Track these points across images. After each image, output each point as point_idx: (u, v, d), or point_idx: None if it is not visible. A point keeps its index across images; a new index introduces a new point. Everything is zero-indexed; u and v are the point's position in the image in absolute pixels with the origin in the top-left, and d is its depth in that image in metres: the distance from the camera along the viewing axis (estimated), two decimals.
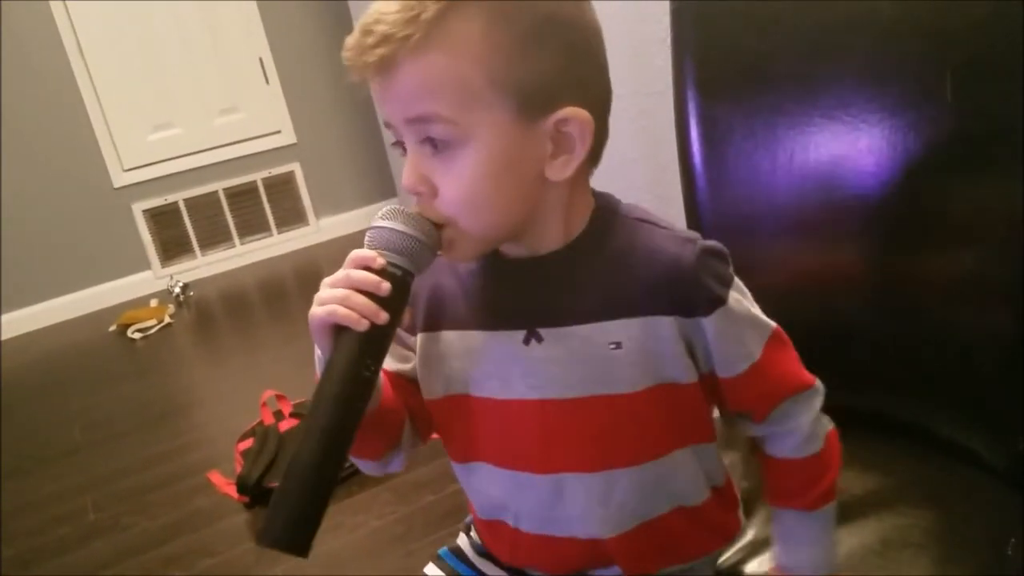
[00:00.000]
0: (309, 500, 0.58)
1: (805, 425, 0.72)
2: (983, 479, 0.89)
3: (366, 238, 0.64)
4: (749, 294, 0.70)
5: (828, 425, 0.75)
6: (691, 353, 0.68)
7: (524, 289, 0.69)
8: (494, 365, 0.70)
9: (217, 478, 2.10)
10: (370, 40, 0.60)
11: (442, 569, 0.85)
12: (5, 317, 3.71)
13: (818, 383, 0.74)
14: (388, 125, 0.65)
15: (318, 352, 0.65)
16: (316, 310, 0.62)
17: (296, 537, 0.58)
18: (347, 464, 1.88)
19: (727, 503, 0.79)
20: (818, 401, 0.73)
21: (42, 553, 1.97)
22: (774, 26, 1.01)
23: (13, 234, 3.67)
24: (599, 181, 0.73)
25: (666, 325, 0.66)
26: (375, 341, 0.62)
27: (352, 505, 1.90)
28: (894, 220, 0.93)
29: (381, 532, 1.79)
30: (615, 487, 0.71)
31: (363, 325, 0.60)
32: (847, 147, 0.94)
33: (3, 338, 3.69)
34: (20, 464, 2.48)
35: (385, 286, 0.61)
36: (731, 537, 0.81)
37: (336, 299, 0.61)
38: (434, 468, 1.92)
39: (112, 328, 3.53)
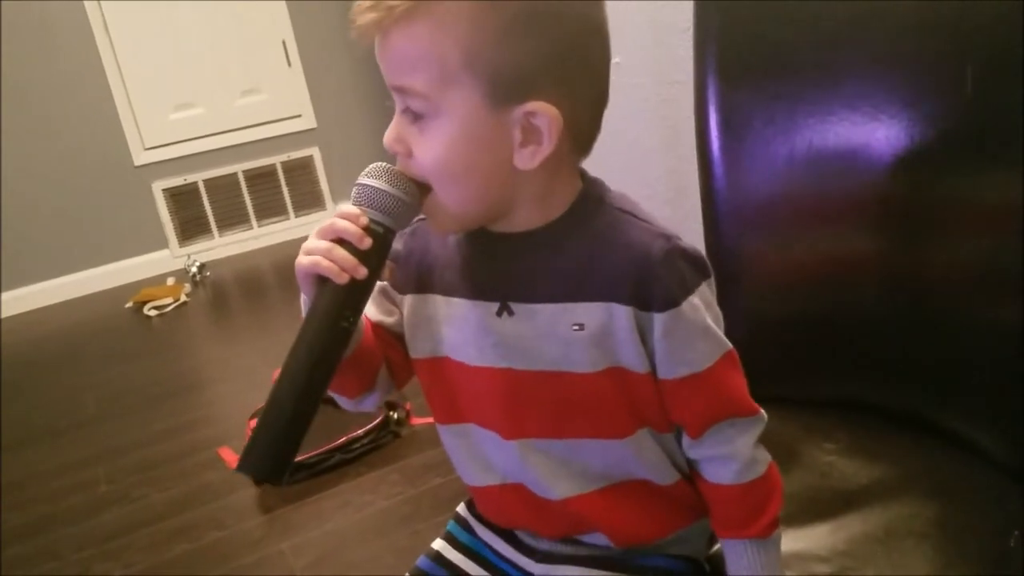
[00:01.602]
0: (283, 434, 0.64)
1: (743, 450, 0.72)
2: (988, 472, 0.89)
3: (352, 194, 0.67)
4: (717, 310, 0.70)
5: (768, 456, 0.74)
6: (645, 345, 0.68)
7: (501, 263, 0.71)
8: (471, 332, 0.72)
9: (228, 454, 2.12)
10: (366, 3, 0.63)
11: (448, 541, 0.87)
12: (24, 290, 3.75)
13: (762, 413, 0.73)
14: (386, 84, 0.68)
15: (304, 297, 0.69)
16: (302, 259, 0.66)
17: (268, 467, 0.63)
18: (356, 444, 1.89)
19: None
20: (758, 430, 0.73)
21: (53, 521, 1.99)
22: (797, 15, 1.01)
23: (34, 209, 3.71)
24: (617, 170, 0.74)
25: (624, 314, 0.67)
26: (354, 294, 0.65)
27: (360, 485, 1.91)
28: (909, 211, 0.93)
29: (388, 512, 1.80)
30: (576, 453, 0.73)
31: (343, 278, 0.64)
32: (866, 137, 0.94)
33: (21, 311, 3.73)
34: (34, 434, 2.51)
35: (367, 241, 0.65)
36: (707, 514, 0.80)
37: (320, 251, 0.65)
38: (442, 452, 1.86)
39: (129, 305, 3.56)
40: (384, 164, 0.67)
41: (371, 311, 0.78)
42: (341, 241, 0.65)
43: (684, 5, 1.12)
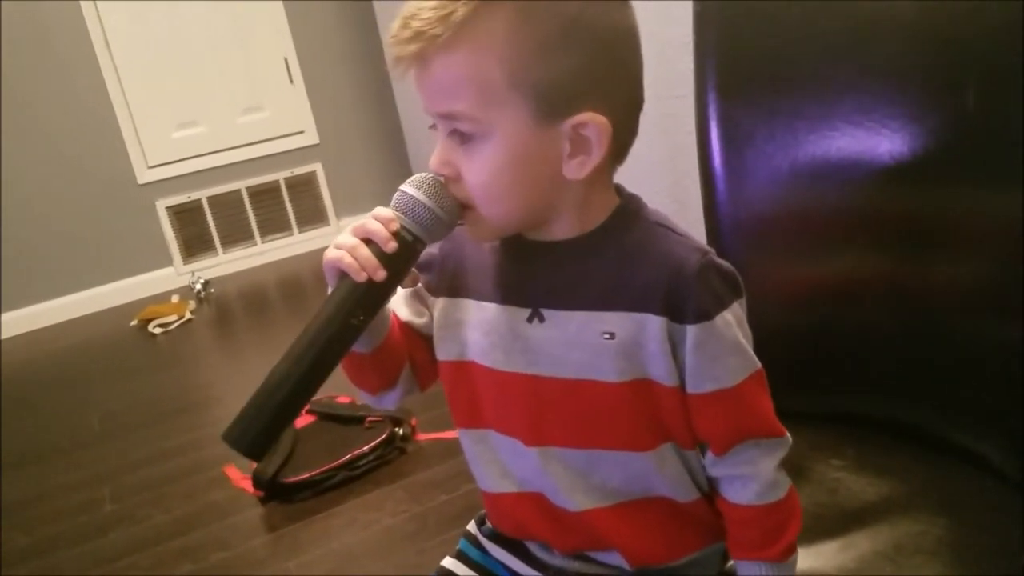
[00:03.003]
0: (271, 415, 0.65)
1: (766, 472, 0.71)
2: (997, 487, 0.88)
3: (392, 198, 0.68)
4: (747, 329, 0.70)
5: (789, 481, 0.74)
6: (675, 358, 0.68)
7: (535, 270, 0.72)
8: (500, 337, 0.73)
9: (233, 472, 2.11)
10: (406, 34, 0.63)
11: (459, 559, 0.86)
12: (29, 310, 3.76)
13: (788, 436, 0.73)
14: (426, 111, 0.68)
15: (330, 290, 0.70)
16: (329, 252, 0.67)
17: (250, 442, 0.65)
18: (361, 461, 1.88)
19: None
20: (782, 452, 0.72)
21: (59, 542, 1.99)
22: (797, 30, 1.01)
23: (38, 228, 3.72)
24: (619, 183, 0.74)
25: (656, 324, 0.67)
26: (370, 294, 0.66)
27: (366, 503, 1.91)
28: (912, 225, 0.93)
29: (394, 530, 1.80)
30: (597, 465, 0.73)
31: (361, 277, 0.65)
32: (867, 151, 0.94)
33: (26, 330, 3.74)
34: (39, 453, 2.51)
35: (392, 245, 0.66)
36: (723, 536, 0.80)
37: (347, 246, 0.66)
38: (448, 468, 1.93)
39: (133, 323, 3.56)
40: (430, 175, 0.68)
41: (402, 310, 0.80)
42: (369, 241, 0.66)
43: (685, 20, 1.12)
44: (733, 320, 0.68)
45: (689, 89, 1.10)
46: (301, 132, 4.20)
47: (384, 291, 0.67)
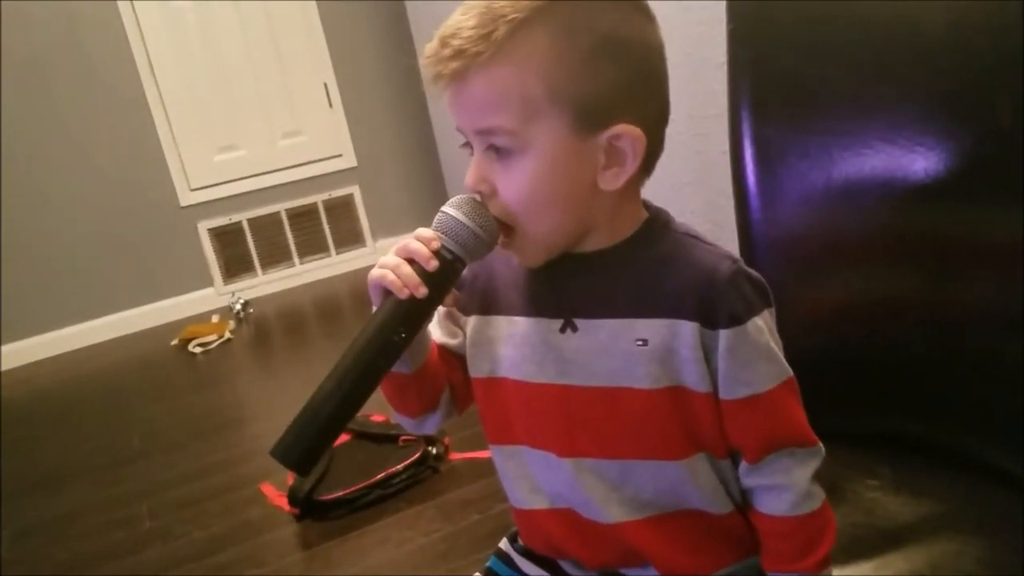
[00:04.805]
0: (317, 431, 0.66)
1: (801, 482, 0.71)
2: None
3: (434, 220, 0.70)
4: (778, 338, 0.71)
5: (823, 493, 0.73)
6: (708, 364, 0.69)
7: (567, 281, 0.73)
8: (532, 349, 0.74)
9: (269, 490, 2.13)
10: (446, 52, 0.65)
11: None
12: (73, 329, 3.84)
13: (821, 446, 0.73)
14: (459, 129, 0.70)
15: (374, 309, 0.71)
16: (373, 271, 0.69)
17: (297, 457, 0.66)
18: (395, 479, 1.88)
19: None
20: (816, 462, 0.72)
21: (97, 558, 2.01)
22: (830, 49, 1.01)
23: (84, 249, 3.81)
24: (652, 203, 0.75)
25: (689, 330, 0.68)
26: (412, 312, 0.68)
27: (399, 521, 1.91)
28: (947, 244, 0.92)
29: (426, 549, 1.80)
30: (629, 476, 0.73)
31: (403, 294, 0.67)
32: (901, 170, 0.94)
33: (70, 349, 3.81)
34: (80, 470, 2.55)
35: (433, 263, 0.68)
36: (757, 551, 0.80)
37: (390, 265, 0.68)
38: (481, 487, 1.93)
39: (174, 342, 3.62)
40: (470, 197, 0.69)
41: (436, 332, 0.81)
42: (412, 261, 0.68)
43: (718, 40, 1.13)
44: (764, 327, 0.69)
45: (723, 108, 1.10)
46: (339, 155, 4.25)
47: (426, 308, 0.69)
